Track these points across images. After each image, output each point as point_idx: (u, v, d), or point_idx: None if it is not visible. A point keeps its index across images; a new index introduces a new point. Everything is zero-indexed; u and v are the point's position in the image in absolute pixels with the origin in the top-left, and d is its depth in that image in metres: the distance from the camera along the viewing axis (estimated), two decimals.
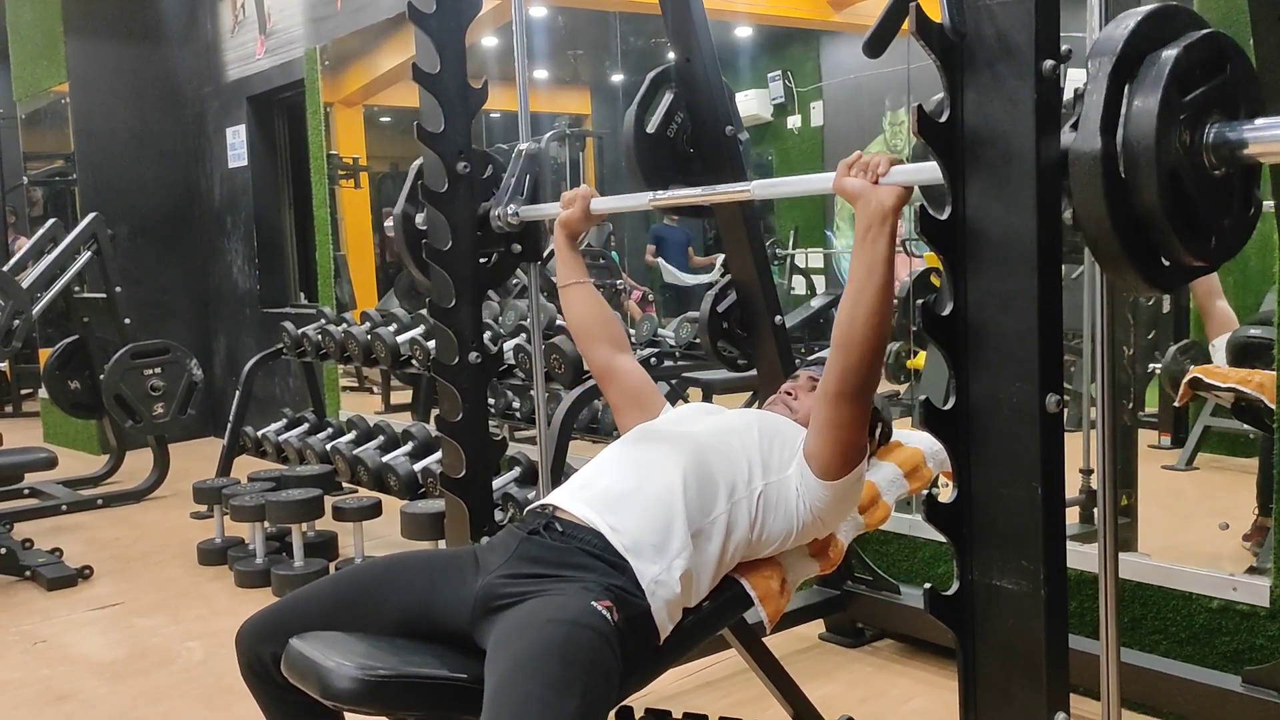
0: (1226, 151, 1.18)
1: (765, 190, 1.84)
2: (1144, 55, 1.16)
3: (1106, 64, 1.15)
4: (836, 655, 2.98)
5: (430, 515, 3.40)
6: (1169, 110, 1.14)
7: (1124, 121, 1.15)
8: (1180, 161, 1.15)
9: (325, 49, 5.68)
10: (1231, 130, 1.17)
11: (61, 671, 3.13)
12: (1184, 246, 1.18)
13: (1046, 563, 1.24)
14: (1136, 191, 1.15)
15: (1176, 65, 1.14)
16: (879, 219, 1.49)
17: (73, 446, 6.51)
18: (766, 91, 6.68)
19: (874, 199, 1.50)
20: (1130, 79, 1.16)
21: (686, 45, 2.51)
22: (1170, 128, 1.14)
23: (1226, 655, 2.39)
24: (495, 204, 2.40)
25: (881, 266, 1.50)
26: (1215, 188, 1.19)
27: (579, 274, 2.08)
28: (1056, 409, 1.24)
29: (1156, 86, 1.14)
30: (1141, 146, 1.13)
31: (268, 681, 1.63)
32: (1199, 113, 1.17)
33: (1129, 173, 1.15)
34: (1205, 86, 1.17)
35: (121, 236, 6.29)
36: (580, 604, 1.52)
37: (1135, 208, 1.15)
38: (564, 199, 2.12)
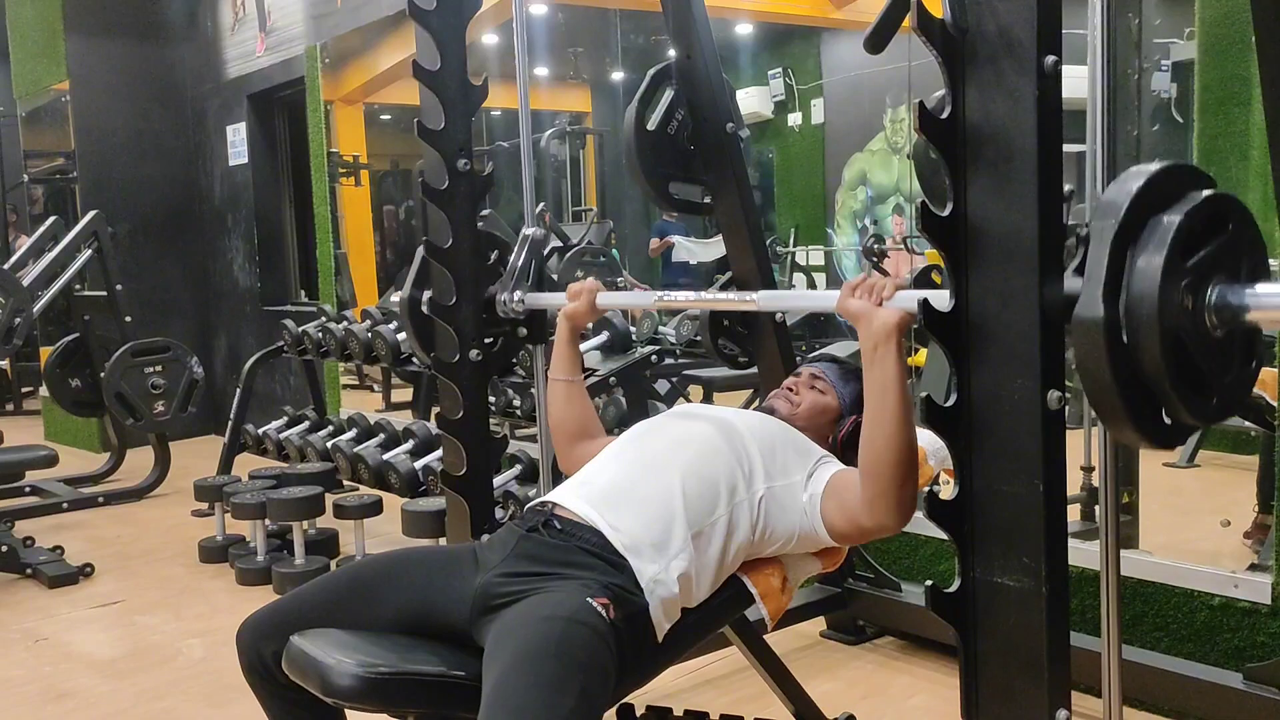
0: (1229, 315, 1.18)
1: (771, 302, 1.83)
2: (1147, 219, 1.17)
3: (1110, 229, 1.16)
4: (837, 652, 2.98)
5: (431, 513, 3.40)
6: (1172, 276, 1.14)
7: (1127, 287, 1.15)
8: (1183, 325, 1.16)
9: (325, 46, 5.68)
10: (1234, 294, 1.18)
11: (63, 669, 3.13)
12: (1186, 408, 1.19)
13: (1048, 560, 1.24)
14: (1139, 357, 1.15)
15: (1179, 232, 1.15)
16: (883, 338, 1.50)
17: (74, 444, 6.52)
18: (767, 89, 6.68)
19: (876, 319, 1.50)
20: (1133, 243, 1.16)
21: (687, 42, 2.51)
22: (1173, 293, 1.15)
23: (1228, 652, 2.39)
24: (501, 289, 2.42)
25: (894, 385, 1.49)
26: (1217, 348, 1.20)
27: (573, 372, 2.07)
28: (1058, 405, 1.24)
29: (1160, 252, 1.14)
30: (1145, 314, 1.14)
31: (268, 679, 1.63)
32: (1202, 276, 1.18)
33: (1131, 338, 1.15)
34: (1207, 249, 1.18)
35: (122, 234, 6.29)
36: (576, 601, 1.52)
37: (1138, 372, 1.16)
38: (570, 291, 2.12)
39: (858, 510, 1.59)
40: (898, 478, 1.52)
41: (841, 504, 1.65)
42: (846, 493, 1.64)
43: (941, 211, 1.28)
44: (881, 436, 1.51)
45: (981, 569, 1.30)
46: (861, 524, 1.60)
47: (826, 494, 1.69)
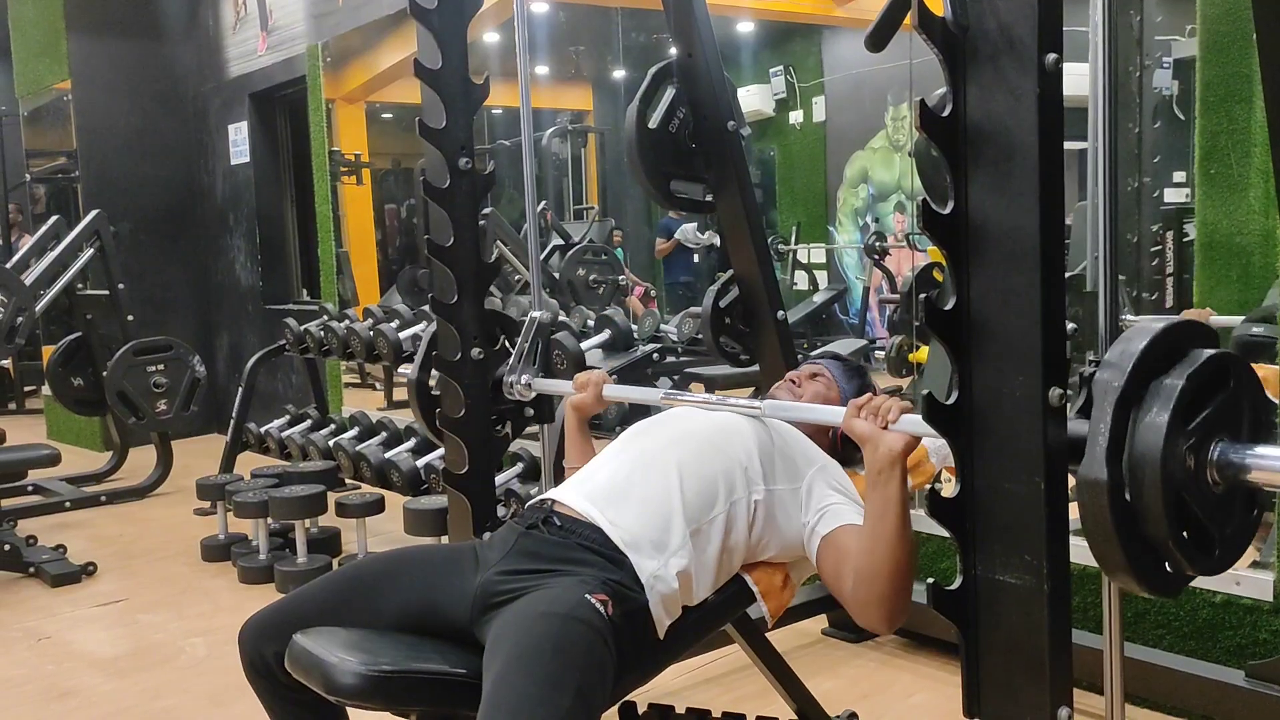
0: (1231, 473, 1.21)
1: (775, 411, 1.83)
2: (1149, 381, 1.19)
3: (1113, 393, 1.18)
4: (839, 650, 2.99)
5: (433, 511, 3.40)
6: (1175, 438, 1.17)
7: (1130, 448, 1.18)
8: (1185, 484, 1.19)
9: (327, 45, 5.68)
10: (1235, 454, 1.21)
11: (65, 668, 3.13)
12: (1189, 563, 1.21)
13: (1050, 557, 1.24)
14: (1143, 514, 1.18)
15: (1182, 395, 1.17)
16: (888, 463, 1.51)
17: (76, 443, 6.52)
18: (769, 87, 6.67)
19: (883, 444, 1.51)
20: (1136, 404, 1.18)
21: (688, 40, 2.51)
22: (1175, 454, 1.17)
23: (1230, 650, 2.39)
24: (508, 372, 2.44)
25: (895, 507, 1.51)
26: (1219, 503, 1.23)
27: (586, 458, 2.05)
28: (1060, 403, 1.23)
29: (1163, 414, 1.17)
30: (1148, 475, 1.16)
31: (271, 680, 1.63)
32: (1204, 436, 1.20)
33: (1135, 497, 1.18)
34: (1209, 409, 1.20)
35: (124, 233, 6.29)
36: (574, 598, 1.52)
37: (1141, 528, 1.19)
38: (577, 382, 2.13)
39: (848, 599, 1.62)
40: (892, 588, 1.54)
41: (837, 572, 1.65)
42: (846, 560, 1.64)
43: (943, 209, 1.27)
44: (880, 550, 1.53)
45: (983, 567, 1.30)
46: (848, 607, 1.63)
47: (826, 546, 1.69)
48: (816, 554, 1.69)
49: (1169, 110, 3.54)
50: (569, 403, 2.12)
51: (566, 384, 2.20)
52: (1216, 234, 3.04)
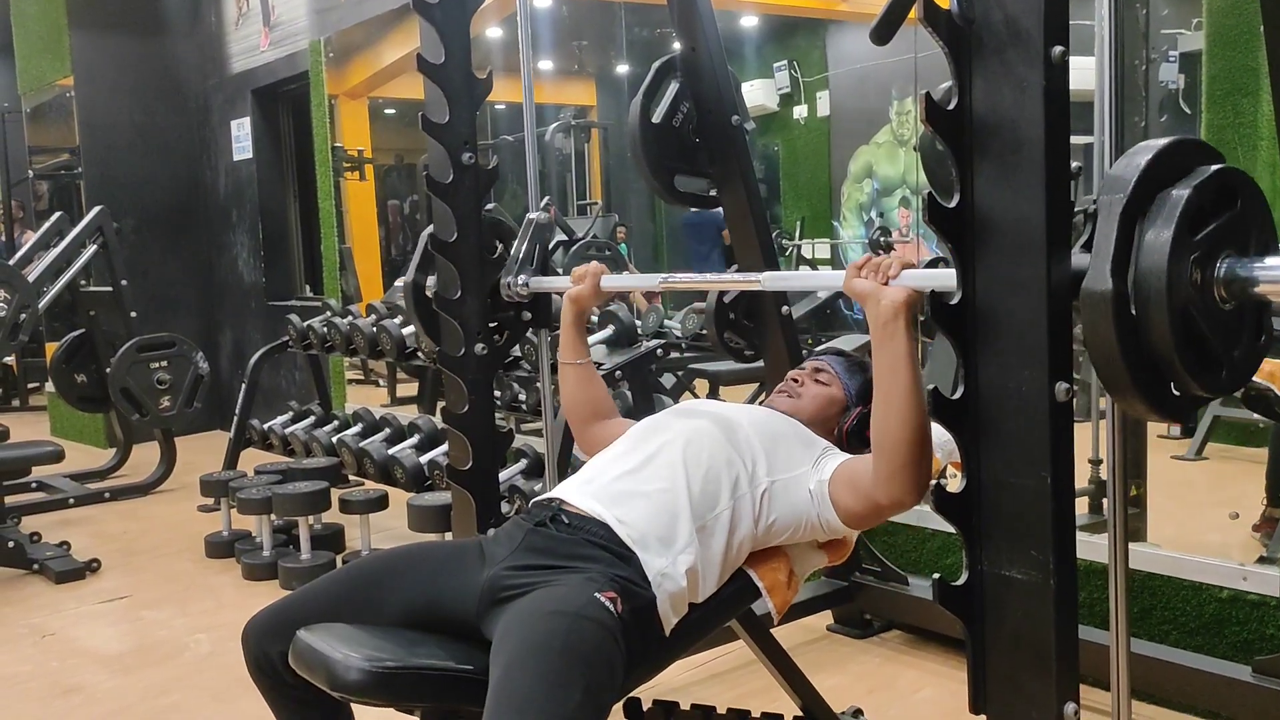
0: (1238, 288, 1.18)
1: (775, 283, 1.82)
2: (1155, 194, 1.16)
3: (1118, 203, 1.15)
4: (844, 646, 2.98)
5: (437, 507, 3.40)
6: (1180, 250, 1.14)
7: (1135, 261, 1.15)
8: (1191, 299, 1.16)
9: (329, 41, 5.68)
10: (1243, 267, 1.18)
11: (70, 664, 3.14)
12: (1195, 380, 1.18)
13: (1056, 552, 1.23)
14: (1148, 330, 1.15)
15: (1188, 205, 1.15)
16: (890, 315, 1.48)
17: (79, 440, 6.53)
18: (772, 81, 6.66)
19: (884, 298, 1.49)
20: (1141, 217, 1.16)
21: (692, 35, 2.50)
22: (1181, 267, 1.15)
23: (1236, 645, 2.38)
24: (505, 273, 2.41)
25: (905, 362, 1.48)
26: (1226, 321, 1.20)
27: (580, 354, 2.08)
28: (1066, 397, 1.23)
29: (1168, 226, 1.14)
30: (1153, 288, 1.14)
31: (275, 679, 1.63)
32: (1210, 250, 1.18)
33: (1140, 311, 1.15)
34: (1216, 223, 1.18)
35: (127, 230, 6.28)
36: (583, 596, 1.52)
37: (1146, 345, 1.16)
38: (574, 275, 2.12)
39: (872, 489, 1.59)
40: (913, 454, 1.51)
41: (854, 486, 1.65)
42: (859, 475, 1.64)
43: (948, 203, 1.27)
44: (895, 414, 1.50)
45: (989, 562, 1.29)
46: (877, 501, 1.59)
47: (836, 478, 1.69)
48: (830, 491, 1.68)
49: (1175, 104, 3.52)
50: (567, 295, 2.10)
51: (564, 280, 2.18)
52: None
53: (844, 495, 1.67)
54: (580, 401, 2.07)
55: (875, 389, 1.53)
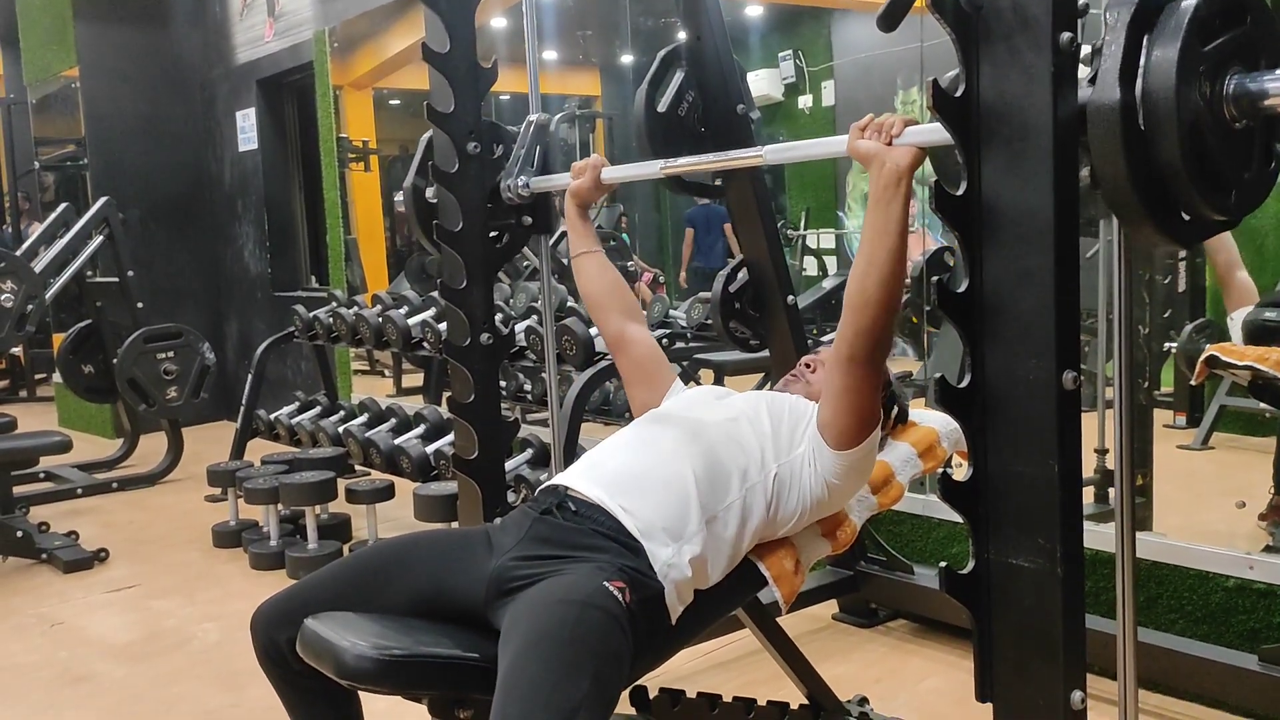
0: (1247, 103, 1.16)
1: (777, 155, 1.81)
2: (1164, 5, 1.15)
3: (1125, 13, 1.14)
4: (850, 635, 2.98)
5: (443, 497, 3.40)
6: (1189, 61, 1.12)
7: (1143, 72, 1.13)
8: (1200, 113, 1.14)
9: (334, 31, 5.67)
10: (1252, 81, 1.16)
11: (79, 653, 3.15)
12: (1204, 200, 1.16)
13: (1063, 541, 1.23)
14: (1156, 144, 1.13)
15: (1196, 14, 1.13)
16: (894, 180, 1.46)
17: (87, 430, 6.55)
18: (777, 71, 6.64)
19: (889, 160, 1.46)
20: (1149, 29, 1.14)
21: (697, 24, 2.49)
22: (1190, 79, 1.12)
23: (1243, 634, 2.38)
24: (505, 176, 2.39)
25: (895, 228, 1.47)
26: (1236, 140, 1.18)
27: (590, 243, 2.08)
28: (1073, 386, 1.22)
29: (1176, 36, 1.12)
30: (1161, 97, 1.12)
31: (283, 666, 1.64)
32: (1219, 64, 1.15)
33: (1148, 125, 1.13)
34: (1225, 37, 1.16)
35: (133, 221, 6.29)
36: (592, 584, 1.52)
37: (1155, 161, 1.14)
38: (574, 169, 2.11)
39: (836, 349, 1.60)
40: (883, 317, 1.52)
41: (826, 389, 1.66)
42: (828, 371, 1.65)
43: (955, 191, 1.26)
44: (876, 274, 1.50)
45: (996, 551, 1.29)
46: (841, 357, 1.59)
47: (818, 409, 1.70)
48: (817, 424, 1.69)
49: None
50: (569, 190, 2.10)
51: (564, 177, 2.17)
52: None
53: (823, 411, 1.68)
54: (600, 290, 2.06)
55: (861, 248, 1.53)
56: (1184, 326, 3.08)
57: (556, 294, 3.64)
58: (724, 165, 1.98)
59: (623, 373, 2.07)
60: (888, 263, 1.49)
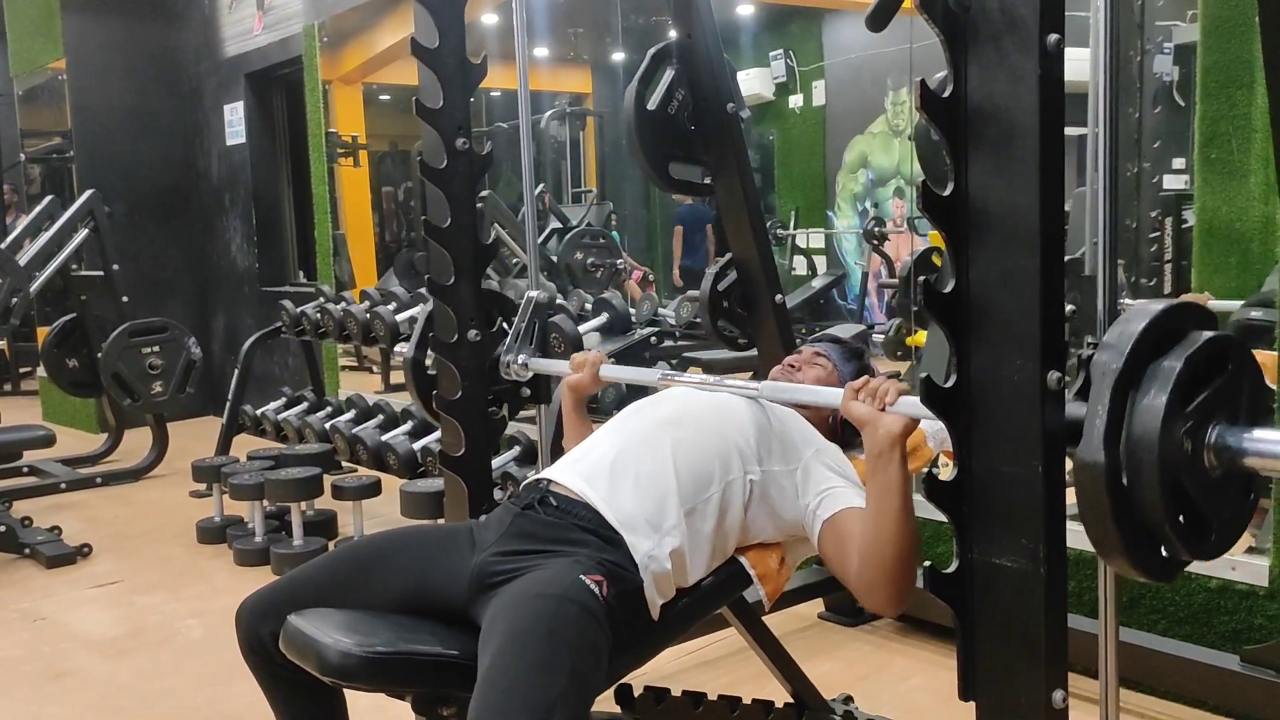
0: (1228, 457, 1.21)
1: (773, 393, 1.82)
2: (1147, 364, 1.18)
3: (1111, 376, 1.17)
4: (835, 634, 2.99)
5: (429, 494, 3.40)
6: (1172, 422, 1.16)
7: (1127, 431, 1.17)
8: (1182, 467, 1.18)
9: (324, 25, 5.65)
10: (1232, 437, 1.21)
11: (61, 648, 3.13)
12: (1185, 547, 1.21)
13: (1047, 541, 1.24)
14: (1140, 498, 1.17)
15: (1180, 377, 1.17)
16: (887, 445, 1.51)
17: (71, 425, 6.51)
18: (768, 70, 6.65)
19: (881, 426, 1.51)
20: (1134, 387, 1.18)
21: (688, 22, 2.49)
22: (1173, 437, 1.17)
23: (1225, 635, 2.39)
24: (505, 351, 2.44)
25: (897, 489, 1.51)
26: (1216, 487, 1.22)
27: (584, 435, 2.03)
28: (1058, 386, 1.23)
29: (1160, 398, 1.16)
30: (1145, 459, 1.16)
31: (267, 660, 1.64)
32: (1202, 418, 1.20)
33: (1132, 480, 1.17)
34: (1207, 391, 1.20)
35: (119, 214, 6.27)
36: (569, 578, 1.52)
37: (1139, 513, 1.18)
38: (574, 362, 2.12)
39: (853, 583, 1.61)
40: (896, 571, 1.54)
41: (841, 554, 1.64)
42: (849, 543, 1.63)
43: (942, 192, 1.27)
44: (884, 534, 1.53)
45: (980, 550, 1.29)
46: (854, 590, 1.63)
47: (827, 530, 1.67)
48: (819, 538, 1.69)
49: (1169, 96, 3.52)
50: (565, 383, 2.11)
51: (563, 364, 2.20)
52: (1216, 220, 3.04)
53: (830, 550, 1.67)
54: None
55: (867, 506, 1.57)
56: None
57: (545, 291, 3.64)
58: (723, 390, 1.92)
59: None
60: (893, 522, 1.52)
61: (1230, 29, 2.85)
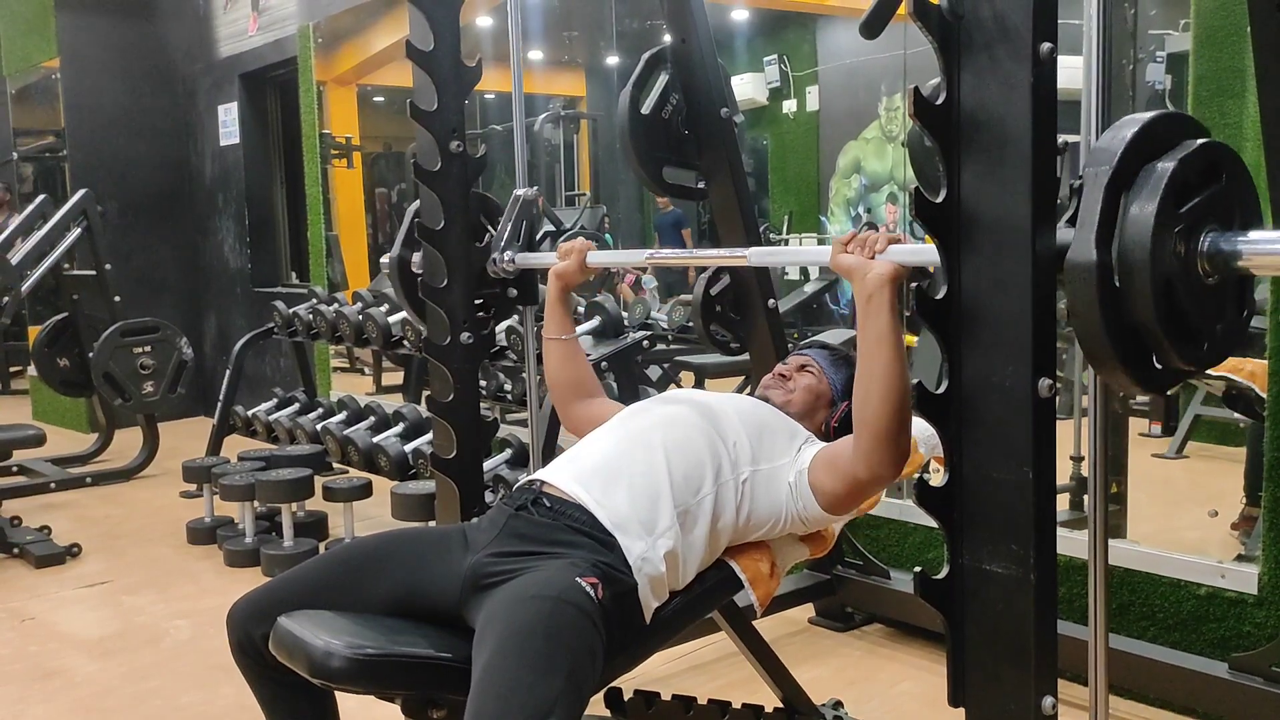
0: (1221, 261, 1.19)
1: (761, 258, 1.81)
2: (1140, 166, 1.17)
3: (1104, 175, 1.16)
4: (826, 639, 2.99)
5: (421, 496, 3.39)
6: (1164, 222, 1.15)
7: (1119, 233, 1.16)
8: (1174, 272, 1.17)
9: (318, 26, 5.64)
10: (1226, 241, 1.19)
11: (50, 648, 3.12)
12: (1177, 353, 1.19)
13: (1037, 547, 1.24)
14: (1131, 301, 1.16)
15: (1173, 178, 1.15)
16: (876, 288, 1.49)
17: (62, 424, 6.49)
18: (762, 75, 6.65)
19: (869, 271, 1.49)
20: (1126, 189, 1.17)
21: (682, 26, 2.50)
22: (1165, 240, 1.15)
23: (1214, 642, 2.40)
24: (493, 248, 2.41)
25: (889, 337, 1.49)
26: (1209, 296, 1.21)
27: (564, 329, 2.08)
28: (1049, 393, 1.24)
29: (1153, 199, 1.15)
30: (1136, 259, 1.15)
31: (258, 661, 1.63)
32: (1194, 223, 1.18)
33: (1124, 283, 1.16)
34: (1200, 197, 1.18)
35: (111, 213, 6.25)
36: (564, 580, 1.53)
37: (1129, 316, 1.17)
38: (561, 250, 2.12)
39: (852, 464, 1.59)
40: (893, 427, 1.52)
41: (834, 466, 1.66)
42: (838, 455, 1.65)
43: (935, 198, 1.27)
44: (877, 388, 1.51)
45: (970, 556, 1.30)
46: (857, 476, 1.60)
47: (815, 464, 1.70)
48: (810, 479, 1.69)
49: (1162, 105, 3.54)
50: (553, 271, 2.11)
51: (550, 256, 2.18)
52: None
53: (824, 478, 1.68)
54: (564, 378, 2.08)
55: (859, 363, 1.53)
56: None
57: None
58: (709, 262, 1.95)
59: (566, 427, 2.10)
60: (887, 373, 1.50)
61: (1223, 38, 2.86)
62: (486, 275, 2.43)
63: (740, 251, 1.79)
